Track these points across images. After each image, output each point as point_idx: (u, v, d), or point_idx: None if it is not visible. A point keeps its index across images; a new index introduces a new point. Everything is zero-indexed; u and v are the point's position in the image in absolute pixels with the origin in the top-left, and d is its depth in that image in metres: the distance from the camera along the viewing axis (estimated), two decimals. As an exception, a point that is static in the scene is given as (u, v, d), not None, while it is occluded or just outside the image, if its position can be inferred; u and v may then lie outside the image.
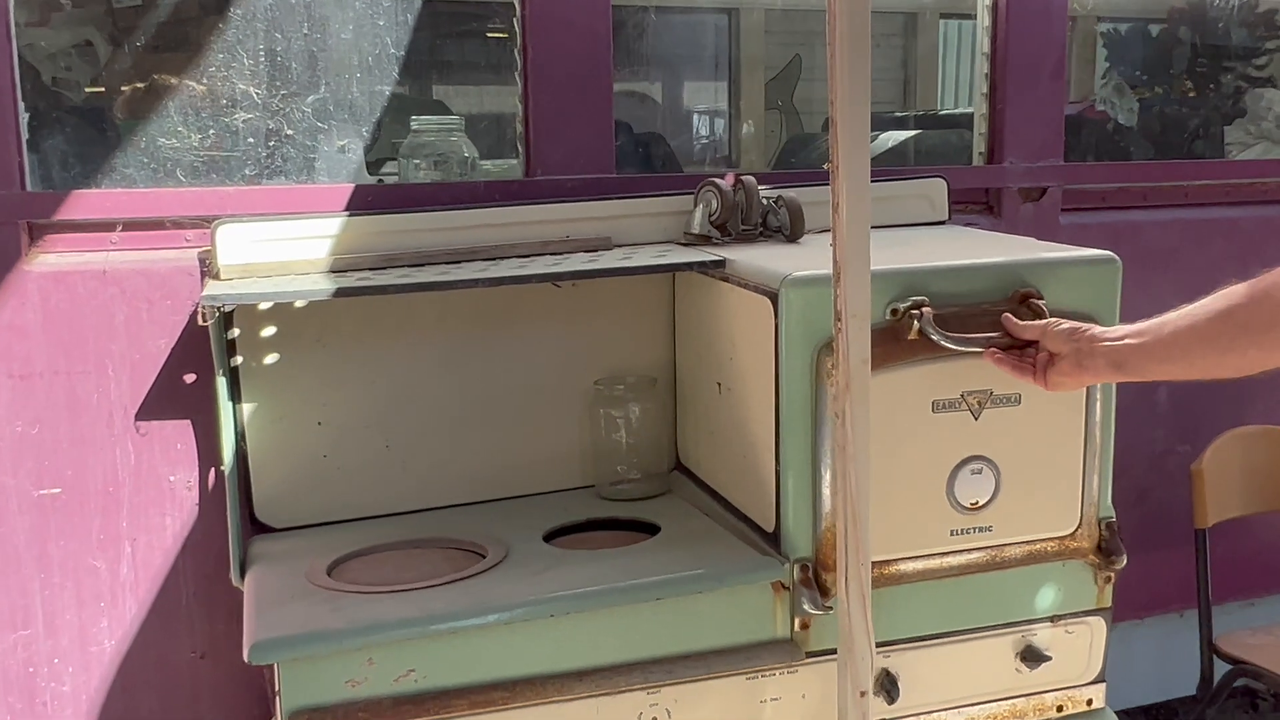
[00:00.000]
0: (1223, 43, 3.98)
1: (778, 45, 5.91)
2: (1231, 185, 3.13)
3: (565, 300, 2.40)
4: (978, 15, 2.86)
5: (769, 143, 5.19)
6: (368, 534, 2.26)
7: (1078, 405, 2.07)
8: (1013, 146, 2.84)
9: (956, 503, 2.03)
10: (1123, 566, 2.17)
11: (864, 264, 1.73)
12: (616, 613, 1.93)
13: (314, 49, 2.41)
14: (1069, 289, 2.05)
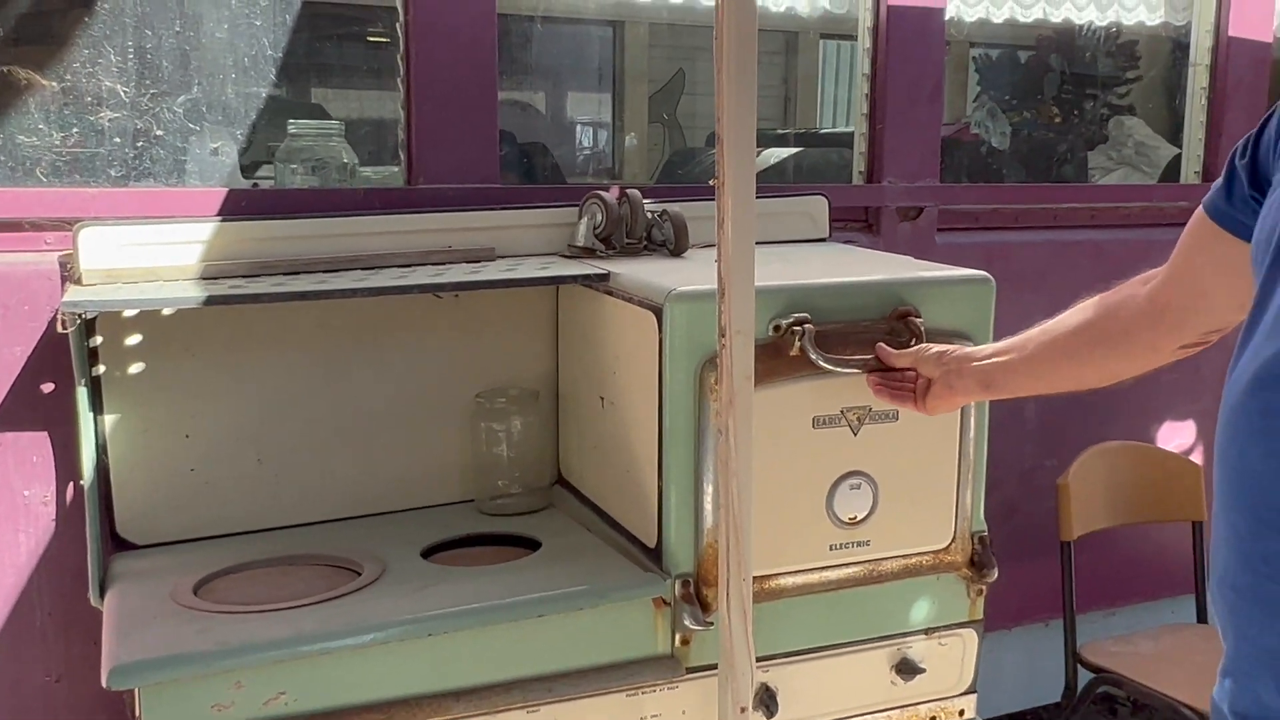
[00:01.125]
0: (1088, 71, 4.13)
1: (662, 59, 5.92)
2: (1096, 209, 3.25)
3: (447, 312, 2.36)
4: (859, 37, 2.92)
5: (652, 156, 5.19)
6: (238, 551, 2.17)
7: (952, 423, 2.12)
8: (891, 166, 2.90)
9: (836, 517, 2.05)
10: (994, 579, 2.22)
11: (748, 281, 1.73)
12: (495, 631, 1.89)
13: (186, 47, 2.32)
14: (946, 307, 2.09)
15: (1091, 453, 2.94)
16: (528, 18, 4.66)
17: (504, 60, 2.83)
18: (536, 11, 4.75)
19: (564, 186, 2.52)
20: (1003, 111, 4.13)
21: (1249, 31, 3.31)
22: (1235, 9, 3.29)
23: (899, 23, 2.85)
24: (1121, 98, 4.21)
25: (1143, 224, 3.30)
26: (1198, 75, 3.37)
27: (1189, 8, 3.36)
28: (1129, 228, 3.27)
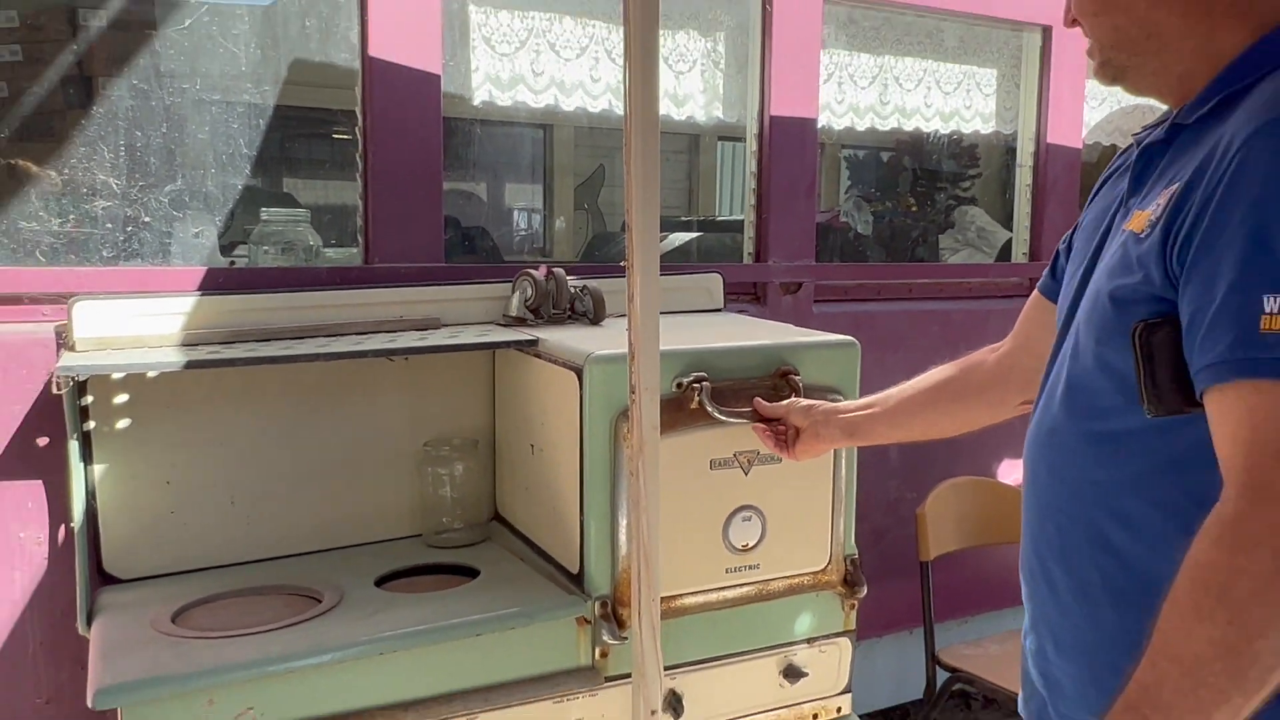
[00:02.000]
0: (937, 169, 4.27)
1: (585, 156, 5.99)
2: (944, 284, 3.36)
3: (398, 373, 2.35)
4: (747, 140, 2.99)
5: (577, 238, 5.24)
6: (212, 583, 2.12)
7: (826, 464, 2.16)
8: (775, 249, 2.96)
9: (731, 545, 2.08)
10: (864, 595, 2.25)
11: (654, 346, 1.76)
12: (439, 649, 1.88)
13: (171, 145, 2.30)
14: (819, 367, 2.14)
15: (944, 486, 3.01)
16: (470, 120, 4.68)
17: (450, 156, 2.85)
18: (477, 115, 4.78)
19: (499, 265, 2.53)
20: (867, 203, 4.25)
21: (1063, 139, 3.47)
22: (1052, 121, 3.44)
23: (779, 129, 2.93)
24: (965, 191, 4.35)
25: (982, 296, 3.41)
26: (1023, 174, 3.51)
27: (1015, 119, 3.50)
28: (971, 299, 3.38)
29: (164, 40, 2.26)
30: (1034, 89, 3.45)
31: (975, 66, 3.44)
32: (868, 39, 3.22)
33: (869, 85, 3.26)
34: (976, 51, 3.43)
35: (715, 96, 2.99)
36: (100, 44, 2.25)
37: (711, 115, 2.99)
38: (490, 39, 2.64)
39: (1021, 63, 3.48)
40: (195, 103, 2.28)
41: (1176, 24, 1.10)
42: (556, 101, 2.76)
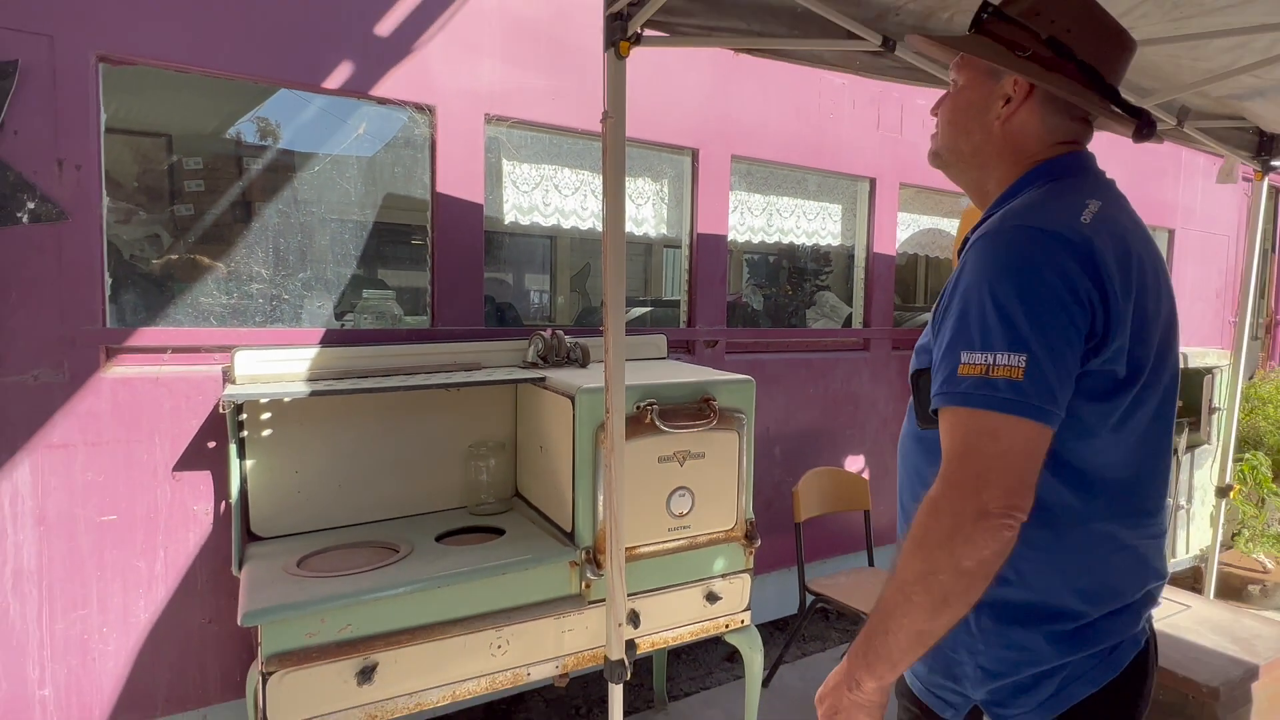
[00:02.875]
0: (804, 267, 4.31)
1: (578, 256, 6.02)
2: (808, 341, 3.40)
3: (452, 399, 2.32)
4: (683, 248, 3.02)
5: (572, 310, 5.25)
6: (326, 540, 2.08)
7: (734, 457, 2.16)
8: (700, 318, 2.98)
9: (671, 513, 2.06)
10: (759, 545, 2.24)
11: (621, 382, 1.75)
12: (476, 584, 1.84)
13: (303, 248, 2.28)
14: (729, 396, 2.15)
15: (809, 474, 3.01)
16: (503, 233, 4.72)
17: (490, 256, 2.86)
18: (508, 229, 4.80)
19: (520, 328, 2.50)
20: (759, 289, 4.27)
21: (883, 249, 3.54)
22: (876, 237, 3.52)
23: (703, 241, 2.97)
24: (822, 282, 4.41)
25: (834, 349, 3.45)
26: (858, 271, 3.57)
27: (854, 235, 3.58)
28: (826, 351, 3.42)
29: (300, 179, 2.24)
30: (865, 218, 3.53)
31: (828, 202, 3.51)
32: (759, 184, 3.28)
33: (760, 213, 3.31)
34: (829, 192, 3.50)
35: (662, 220, 3.02)
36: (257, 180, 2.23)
37: (660, 231, 3.01)
38: (516, 181, 2.65)
39: (857, 201, 3.56)
40: (320, 220, 2.25)
41: (994, 156, 1.07)
42: (559, 222, 2.78)
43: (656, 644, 2.10)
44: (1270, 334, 6.37)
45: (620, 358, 1.73)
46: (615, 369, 1.73)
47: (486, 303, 3.74)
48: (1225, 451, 3.65)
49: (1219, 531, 3.71)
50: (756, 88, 3.06)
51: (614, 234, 1.71)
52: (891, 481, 3.71)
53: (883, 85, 3.44)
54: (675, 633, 2.13)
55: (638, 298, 4.26)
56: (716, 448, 2.11)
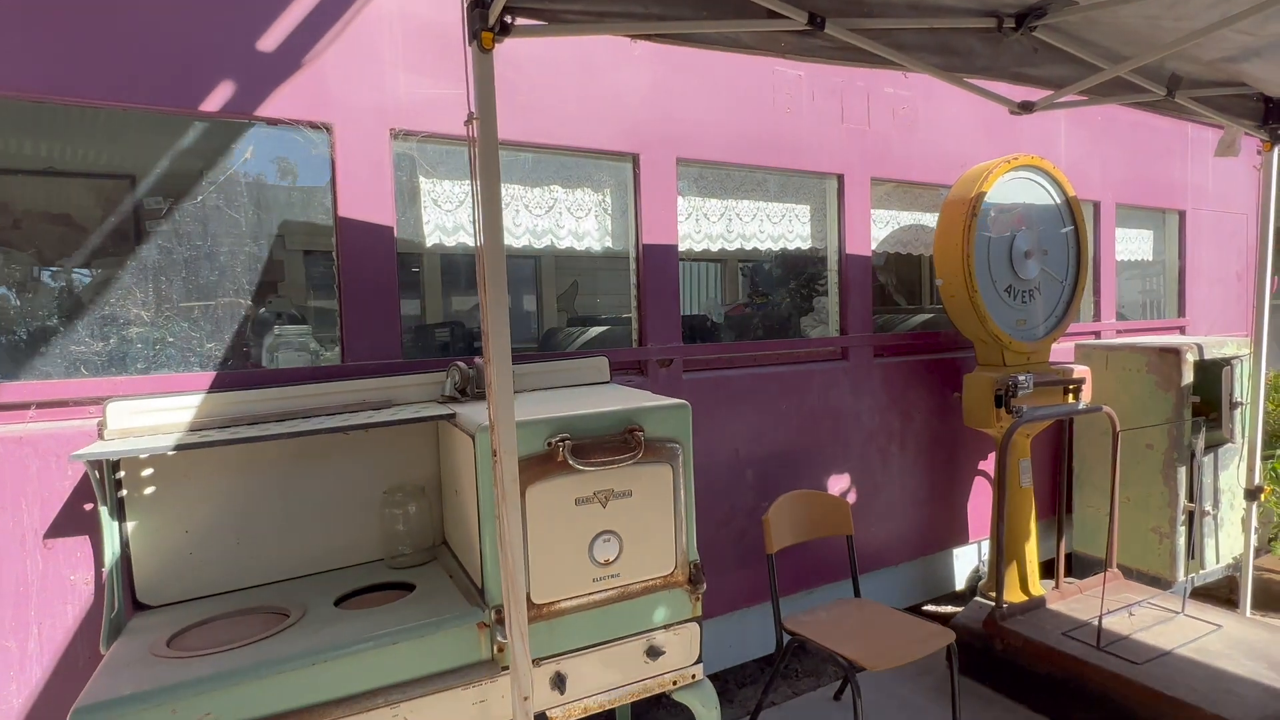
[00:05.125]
0: (805, 273, 4.06)
1: (566, 274, 5.86)
2: (781, 354, 3.15)
3: (363, 440, 2.12)
4: (630, 262, 2.80)
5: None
6: (221, 605, 1.88)
7: (668, 494, 1.92)
8: (652, 336, 2.76)
9: (595, 560, 1.83)
10: (705, 590, 2.00)
11: (510, 419, 1.54)
12: (368, 655, 1.62)
13: (189, 284, 2.08)
14: (660, 424, 1.92)
15: (783, 498, 2.76)
16: (450, 254, 4.61)
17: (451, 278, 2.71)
18: (435, 252, 4.66)
19: (438, 360, 2.30)
20: (765, 297, 3.94)
21: (857, 250, 3.30)
22: (848, 236, 3.27)
23: (650, 254, 2.76)
24: (821, 287, 4.13)
25: (807, 361, 3.21)
26: (831, 274, 3.33)
27: (825, 238, 3.33)
28: (798, 363, 3.17)
29: (182, 211, 2.07)
30: (835, 217, 3.29)
31: (794, 203, 3.27)
32: (713, 188, 3.06)
33: (718, 219, 3.09)
34: (794, 192, 3.27)
35: (606, 232, 2.81)
36: (130, 215, 2.05)
37: (604, 246, 2.80)
38: (438, 200, 2.46)
39: (826, 200, 3.32)
40: (206, 254, 2.07)
41: None
42: (488, 241, 2.57)
43: (590, 709, 1.86)
44: (1301, 316, 5.96)
45: (506, 390, 1.51)
46: (501, 404, 1.51)
47: (453, 330, 3.55)
48: (1252, 450, 3.32)
49: (1251, 537, 3.38)
50: (700, 84, 2.85)
51: (491, 248, 1.50)
52: (880, 501, 3.48)
53: (846, 75, 3.21)
54: (612, 695, 1.89)
55: (599, 316, 4.07)
56: (646, 484, 1.88)
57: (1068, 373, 3.34)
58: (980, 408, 3.23)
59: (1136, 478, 3.58)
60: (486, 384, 1.52)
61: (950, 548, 3.70)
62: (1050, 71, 2.43)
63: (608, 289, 2.80)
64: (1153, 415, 3.51)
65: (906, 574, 3.57)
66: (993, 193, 3.21)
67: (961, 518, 3.70)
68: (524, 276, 6.19)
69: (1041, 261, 3.39)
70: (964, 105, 3.60)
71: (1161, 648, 2.76)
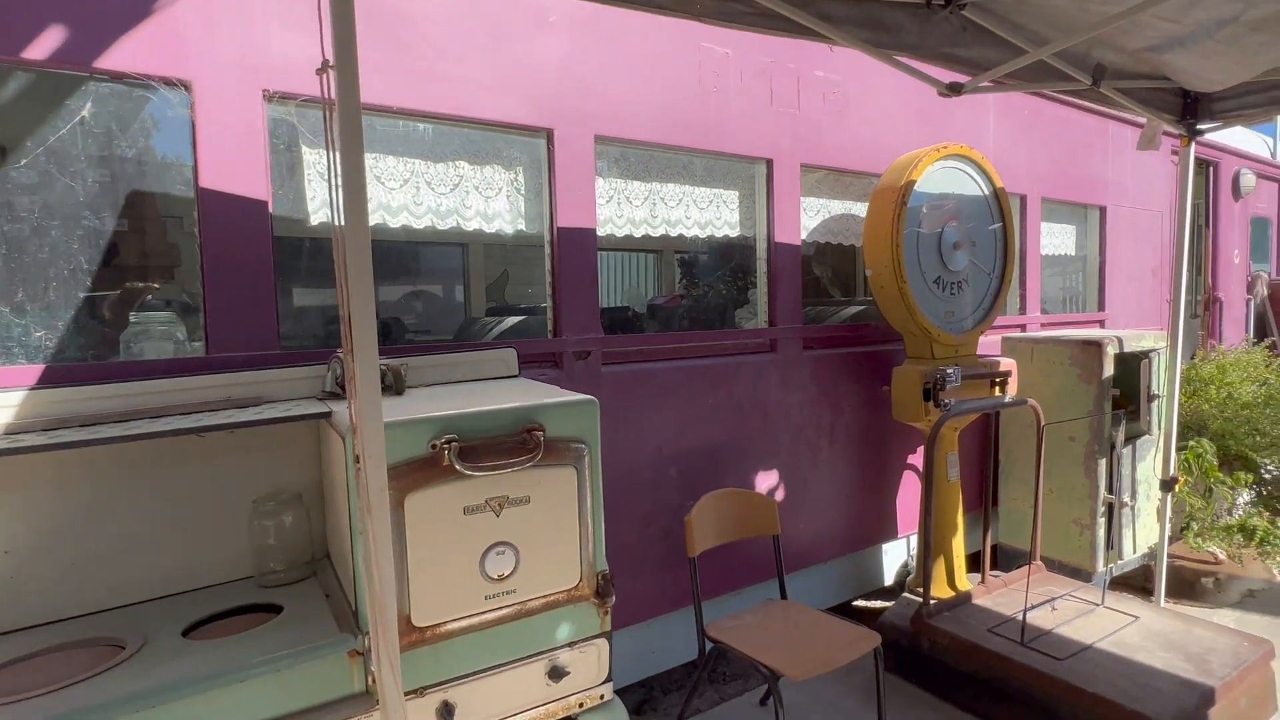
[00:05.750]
0: (739, 263, 3.94)
1: (497, 262, 5.62)
2: (707, 345, 3.01)
3: (226, 443, 1.87)
4: (545, 247, 2.60)
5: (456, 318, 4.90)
6: (47, 637, 1.60)
7: (572, 501, 1.74)
8: (568, 327, 2.57)
9: (487, 576, 1.64)
10: (614, 602, 1.83)
11: (376, 420, 1.32)
12: (211, 694, 1.38)
13: (11, 265, 1.78)
14: (563, 422, 1.74)
15: (707, 497, 2.62)
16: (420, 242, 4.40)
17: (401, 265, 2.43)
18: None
19: (320, 351, 2.06)
20: (711, 288, 3.81)
21: (787, 239, 3.18)
22: (778, 225, 3.15)
23: (566, 238, 2.56)
24: (754, 278, 4.03)
25: (735, 353, 3.07)
26: (760, 264, 3.20)
27: (754, 225, 3.20)
28: (726, 356, 3.04)
29: (4, 177, 1.76)
30: (764, 204, 3.16)
31: (722, 189, 3.13)
32: (637, 170, 2.88)
33: (642, 203, 2.91)
34: (722, 177, 3.12)
35: (519, 214, 2.60)
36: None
37: (517, 229, 2.59)
38: (324, 174, 2.21)
39: (755, 186, 3.19)
40: (34, 229, 1.77)
41: None
42: (384, 220, 2.33)
43: (484, 740, 1.67)
44: (1209, 311, 6.22)
45: (372, 388, 1.30)
46: (366, 402, 1.30)
47: (407, 315, 3.27)
48: (1168, 441, 3.36)
49: (1166, 527, 3.43)
50: (620, 58, 2.67)
51: (354, 227, 1.28)
52: (809, 497, 3.38)
53: (774, 54, 3.08)
54: (509, 722, 1.70)
55: (515, 305, 3.85)
56: (547, 488, 1.70)
57: (994, 365, 3.31)
58: (909, 401, 3.16)
59: (1059, 470, 3.59)
60: (348, 379, 1.30)
61: (879, 543, 3.65)
62: (978, 53, 2.34)
63: (544, 278, 2.59)
64: (1075, 407, 3.52)
65: (836, 570, 3.50)
66: (922, 182, 3.14)
67: (891, 512, 3.65)
68: (451, 265, 5.93)
69: (970, 253, 3.35)
70: (895, 93, 3.53)
71: (1083, 642, 2.74)
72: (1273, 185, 7.10)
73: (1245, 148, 6.58)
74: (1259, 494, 3.84)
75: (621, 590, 2.74)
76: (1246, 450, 3.80)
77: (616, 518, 2.69)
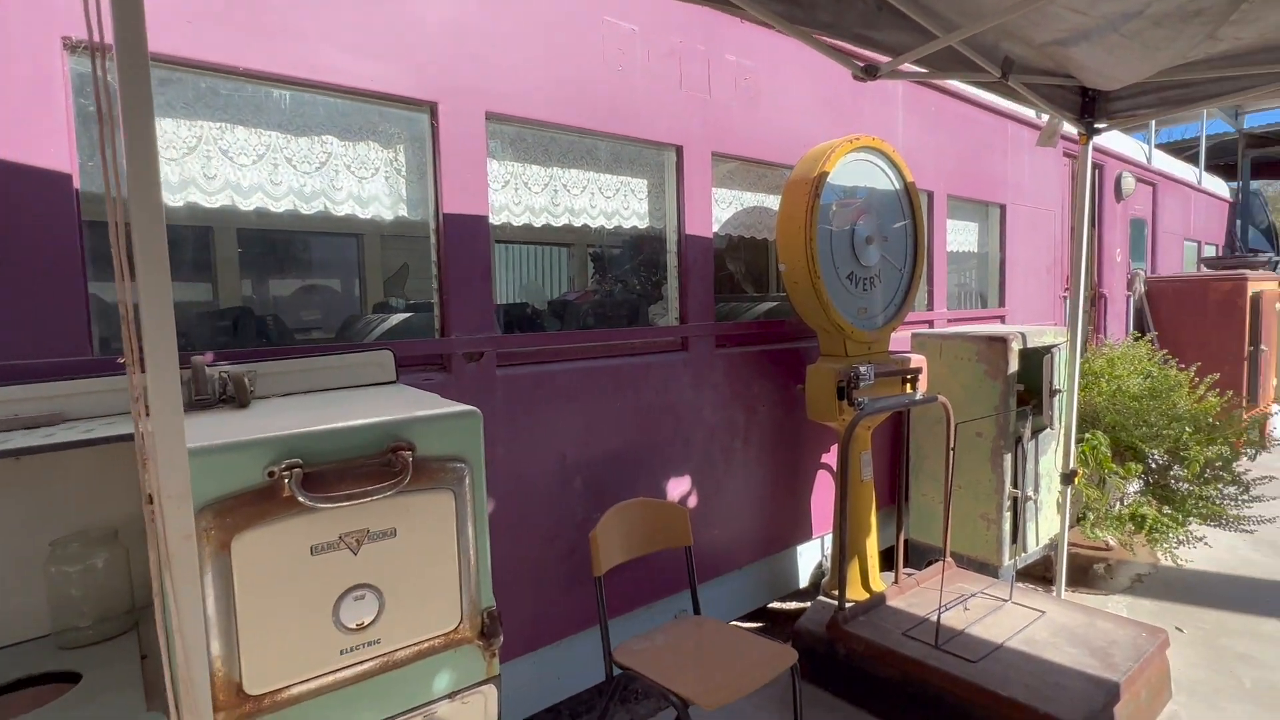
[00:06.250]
0: (650, 257, 3.75)
1: (397, 253, 5.23)
2: (614, 345, 2.80)
3: (19, 471, 1.51)
4: (430, 236, 2.32)
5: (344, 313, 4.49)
6: None
7: (450, 533, 1.49)
8: (457, 325, 2.30)
9: (343, 626, 1.37)
10: (501, 643, 1.59)
11: (179, 448, 1.04)
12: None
13: None
14: (438, 439, 1.48)
15: (612, 511, 2.42)
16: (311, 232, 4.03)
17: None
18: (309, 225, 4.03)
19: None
20: (621, 282, 3.61)
21: (698, 231, 3.01)
22: (689, 217, 2.98)
23: (454, 225, 2.29)
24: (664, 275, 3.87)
25: (644, 352, 2.88)
26: (670, 258, 3.02)
27: (664, 217, 3.02)
28: (635, 355, 2.84)
29: None
30: (674, 194, 2.98)
31: (630, 177, 2.93)
32: (536, 153, 2.64)
33: (541, 190, 2.67)
34: (629, 164, 2.92)
35: (400, 198, 2.31)
36: None
37: (397, 214, 2.30)
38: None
39: (665, 175, 3.00)
40: None
41: None
42: (232, 202, 2.00)
43: (343, 819, 1.40)
44: (1095, 307, 6.54)
45: (170, 406, 1.02)
46: (164, 426, 1.01)
47: (238, 318, 2.88)
48: (1068, 435, 3.42)
49: (1066, 519, 3.49)
50: (515, 27, 2.41)
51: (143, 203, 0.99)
52: (724, 501, 3.25)
53: (684, 36, 2.90)
54: (377, 793, 1.44)
55: (406, 300, 3.54)
56: (417, 518, 1.44)
57: (905, 363, 3.26)
58: (823, 400, 3.07)
59: (967, 465, 3.60)
60: (131, 398, 1.01)
61: (795, 545, 3.56)
62: (892, 37, 2.23)
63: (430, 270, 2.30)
64: (982, 403, 3.54)
65: (753, 576, 3.38)
66: (835, 174, 3.04)
67: (806, 513, 3.57)
68: (346, 257, 5.47)
69: (882, 249, 3.29)
70: (809, 83, 3.42)
71: (994, 641, 2.71)
72: (1148, 188, 7.57)
73: (1125, 152, 6.97)
74: (1147, 483, 4.00)
75: (526, 612, 2.50)
76: (1136, 441, 3.94)
77: (517, 535, 2.45)
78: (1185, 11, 2.15)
